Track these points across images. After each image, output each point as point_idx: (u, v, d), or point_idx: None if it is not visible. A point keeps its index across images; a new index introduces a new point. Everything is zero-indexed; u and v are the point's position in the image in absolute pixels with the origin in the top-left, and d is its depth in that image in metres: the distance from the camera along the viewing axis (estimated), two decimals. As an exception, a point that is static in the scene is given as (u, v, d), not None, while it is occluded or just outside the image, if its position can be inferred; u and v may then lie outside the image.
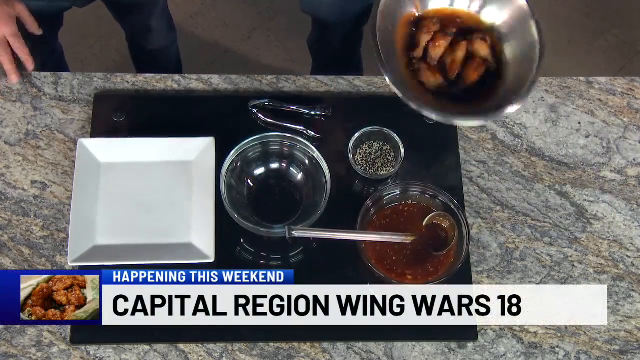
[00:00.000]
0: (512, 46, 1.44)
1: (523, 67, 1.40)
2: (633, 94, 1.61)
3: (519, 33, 1.43)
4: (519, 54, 1.43)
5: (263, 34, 2.60)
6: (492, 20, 1.46)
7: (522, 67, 1.41)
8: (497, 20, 1.45)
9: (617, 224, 1.49)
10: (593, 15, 2.69)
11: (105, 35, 2.53)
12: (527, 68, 1.39)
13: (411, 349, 1.38)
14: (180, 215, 1.44)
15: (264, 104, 1.53)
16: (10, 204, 1.45)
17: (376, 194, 1.39)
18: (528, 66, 1.39)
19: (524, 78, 1.38)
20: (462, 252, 1.35)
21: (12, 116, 1.53)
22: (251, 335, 1.36)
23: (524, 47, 1.42)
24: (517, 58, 1.43)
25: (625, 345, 1.39)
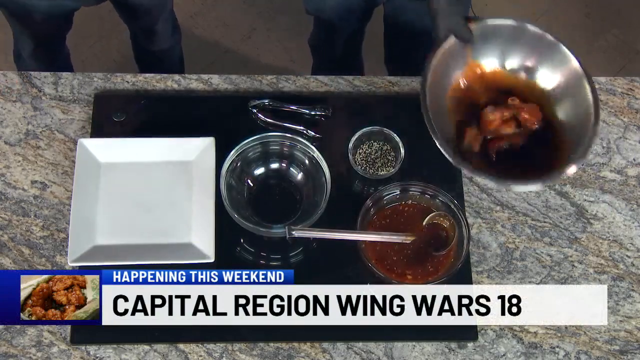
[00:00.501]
0: (565, 107, 1.40)
1: (576, 127, 1.37)
2: (633, 94, 1.61)
3: (571, 95, 1.39)
4: (571, 115, 1.39)
5: (263, 34, 2.60)
6: (544, 84, 1.42)
7: (576, 127, 1.37)
8: (550, 84, 1.42)
9: (617, 224, 1.49)
10: (593, 15, 2.69)
11: (106, 35, 2.53)
12: (582, 128, 1.35)
13: (411, 349, 1.38)
14: (180, 215, 1.44)
15: (264, 104, 1.53)
16: (10, 204, 1.45)
17: (376, 194, 1.39)
18: (582, 126, 1.35)
19: (578, 138, 1.35)
20: (462, 252, 1.35)
21: (12, 116, 1.53)
22: (251, 335, 1.36)
23: (578, 108, 1.38)
24: (570, 119, 1.39)
25: (625, 345, 1.39)
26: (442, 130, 1.33)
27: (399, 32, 1.97)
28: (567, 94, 1.40)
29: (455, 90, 1.41)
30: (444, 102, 1.39)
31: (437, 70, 1.36)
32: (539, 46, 1.41)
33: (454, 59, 1.39)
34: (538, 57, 1.42)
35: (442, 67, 1.37)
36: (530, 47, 1.42)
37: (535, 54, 1.42)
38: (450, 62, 1.38)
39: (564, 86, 1.40)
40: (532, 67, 1.42)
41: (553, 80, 1.42)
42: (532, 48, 1.42)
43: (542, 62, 1.42)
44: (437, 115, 1.34)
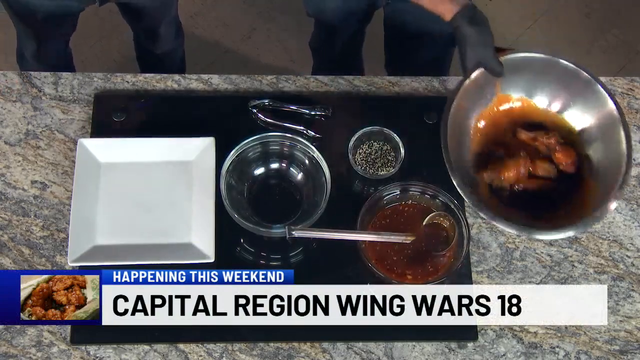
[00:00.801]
0: (594, 150, 1.36)
1: (604, 173, 1.34)
2: (633, 94, 1.61)
3: (603, 138, 1.35)
4: (600, 159, 1.35)
5: (263, 34, 2.60)
6: (574, 123, 1.39)
7: (603, 172, 1.34)
8: (580, 124, 1.38)
9: (617, 224, 1.49)
10: (593, 15, 2.69)
11: (106, 35, 2.53)
12: (612, 174, 1.32)
13: (411, 349, 1.38)
14: (180, 215, 1.44)
15: (264, 104, 1.53)
16: (10, 204, 1.45)
17: (376, 194, 1.39)
18: (613, 172, 1.32)
19: (604, 184, 1.31)
20: (462, 252, 1.35)
21: (12, 116, 1.53)
22: (251, 335, 1.36)
23: (608, 153, 1.34)
24: (598, 163, 1.36)
25: (625, 345, 1.39)
26: (459, 166, 1.29)
27: (399, 35, 1.97)
28: (598, 137, 1.36)
29: (481, 124, 1.38)
30: (466, 136, 1.36)
31: (463, 101, 1.33)
32: (572, 83, 1.37)
33: (481, 91, 1.36)
34: (570, 95, 1.37)
35: (468, 99, 1.34)
36: (562, 83, 1.37)
37: (567, 90, 1.37)
38: (477, 94, 1.36)
39: (596, 128, 1.36)
40: (563, 105, 1.38)
41: (584, 121, 1.37)
42: (565, 84, 1.37)
43: (575, 100, 1.37)
44: (457, 149, 1.31)
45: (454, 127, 1.32)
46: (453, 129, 1.32)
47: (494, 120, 1.39)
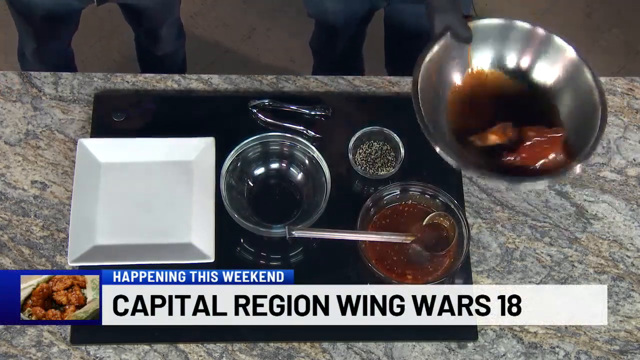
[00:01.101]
0: (567, 103, 1.35)
1: (582, 120, 1.32)
2: (633, 94, 1.61)
3: (573, 88, 1.35)
4: (575, 107, 1.34)
5: (263, 34, 2.60)
6: (544, 79, 1.38)
7: (580, 121, 1.32)
8: (550, 79, 1.37)
9: (617, 224, 1.49)
10: (594, 15, 2.69)
11: (106, 35, 2.53)
12: (587, 123, 1.30)
13: (411, 349, 1.38)
14: (180, 215, 1.44)
15: (264, 104, 1.53)
16: (10, 204, 1.45)
17: (376, 194, 1.39)
18: (587, 121, 1.30)
19: (584, 134, 1.29)
20: (462, 252, 1.35)
21: (12, 116, 1.53)
22: (251, 335, 1.36)
23: (581, 99, 1.33)
24: (574, 113, 1.35)
25: (625, 345, 1.39)
26: (438, 130, 1.29)
27: (399, 35, 1.97)
28: (568, 86, 1.36)
29: (455, 91, 1.39)
30: (442, 102, 1.36)
31: (431, 67, 1.33)
32: (532, 41, 1.38)
33: (451, 58, 1.36)
34: (533, 53, 1.38)
35: (437, 65, 1.34)
36: (524, 44, 1.38)
37: (529, 50, 1.38)
38: (447, 61, 1.35)
39: (564, 78, 1.36)
40: (529, 64, 1.39)
41: (552, 75, 1.38)
42: (526, 44, 1.38)
43: (539, 58, 1.38)
44: (433, 114, 1.31)
45: (426, 93, 1.30)
46: (425, 94, 1.30)
47: (469, 88, 1.39)
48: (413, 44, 1.93)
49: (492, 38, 1.38)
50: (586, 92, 1.33)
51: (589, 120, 1.31)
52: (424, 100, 1.29)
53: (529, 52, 1.38)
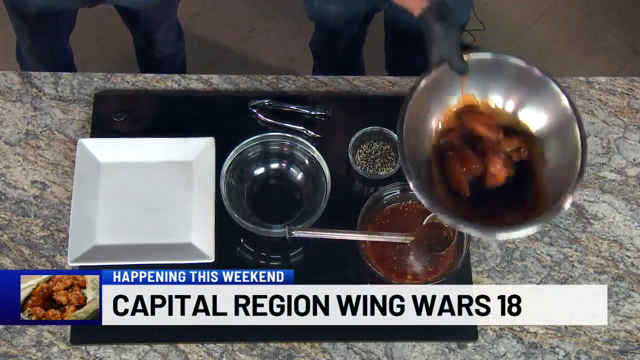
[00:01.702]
0: (551, 148, 1.33)
1: (561, 169, 1.30)
2: (633, 94, 1.61)
3: (559, 135, 1.31)
4: (556, 156, 1.32)
5: (263, 34, 2.60)
6: (532, 123, 1.34)
7: (560, 169, 1.30)
8: (537, 123, 1.34)
9: (617, 224, 1.49)
10: (593, 15, 2.69)
11: (106, 35, 2.53)
12: (567, 170, 1.27)
13: (411, 349, 1.38)
14: (180, 215, 1.44)
15: (264, 104, 1.53)
16: (10, 204, 1.45)
17: (376, 194, 1.39)
18: (567, 168, 1.27)
19: (563, 181, 1.27)
20: (462, 252, 1.35)
21: (12, 116, 1.53)
22: (251, 335, 1.36)
23: (564, 149, 1.31)
24: (555, 159, 1.32)
25: (625, 345, 1.39)
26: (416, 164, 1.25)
27: (400, 37, 1.97)
28: (554, 134, 1.32)
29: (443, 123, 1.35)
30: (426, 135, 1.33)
31: (423, 95, 1.30)
32: (527, 81, 1.33)
33: (444, 88, 1.33)
34: (525, 93, 1.34)
35: (429, 94, 1.31)
36: (516, 82, 1.34)
37: (522, 89, 1.34)
38: (439, 90, 1.33)
39: (552, 126, 1.33)
40: (519, 104, 1.35)
41: (540, 120, 1.34)
42: (519, 83, 1.34)
43: (529, 99, 1.34)
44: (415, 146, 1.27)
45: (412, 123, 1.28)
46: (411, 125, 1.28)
47: (457, 120, 1.37)
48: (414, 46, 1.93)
49: (486, 72, 1.34)
50: (571, 148, 1.29)
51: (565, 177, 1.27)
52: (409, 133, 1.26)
53: (521, 92, 1.34)
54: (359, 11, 1.85)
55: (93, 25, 2.48)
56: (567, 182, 1.26)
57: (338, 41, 1.98)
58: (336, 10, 1.83)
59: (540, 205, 1.28)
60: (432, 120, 1.34)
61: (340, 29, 1.91)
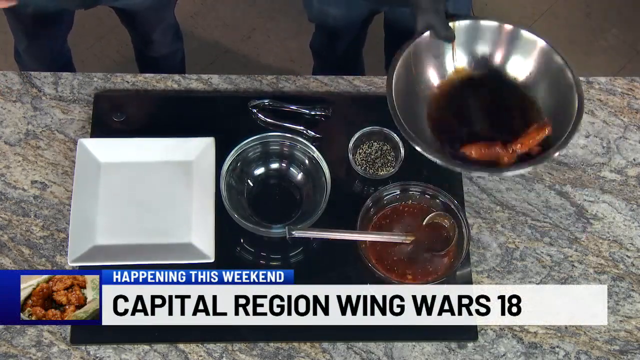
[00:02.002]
0: (543, 92, 1.39)
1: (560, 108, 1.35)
2: (633, 94, 1.61)
3: (548, 76, 1.38)
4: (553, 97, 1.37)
5: (263, 34, 2.60)
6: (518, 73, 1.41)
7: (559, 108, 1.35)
8: (524, 72, 1.40)
9: (617, 224, 1.49)
10: (593, 15, 2.69)
11: (106, 35, 2.53)
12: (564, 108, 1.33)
13: (411, 349, 1.38)
14: (180, 215, 1.44)
15: (263, 104, 1.53)
16: (10, 204, 1.45)
17: (376, 194, 1.39)
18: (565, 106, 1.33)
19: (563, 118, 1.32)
20: (462, 252, 1.35)
21: (12, 116, 1.53)
22: (251, 335, 1.36)
23: (556, 89, 1.37)
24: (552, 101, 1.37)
25: (625, 345, 1.39)
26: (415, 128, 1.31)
27: (399, 38, 1.96)
28: (543, 76, 1.39)
29: (435, 89, 1.40)
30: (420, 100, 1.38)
31: (411, 63, 1.34)
32: (502, 37, 1.40)
33: (431, 55, 1.37)
34: (506, 49, 1.40)
35: (417, 61, 1.35)
36: (495, 41, 1.40)
37: (501, 45, 1.41)
38: (426, 58, 1.37)
39: (538, 69, 1.39)
40: (502, 60, 1.41)
41: (526, 68, 1.40)
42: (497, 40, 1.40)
43: (511, 52, 1.40)
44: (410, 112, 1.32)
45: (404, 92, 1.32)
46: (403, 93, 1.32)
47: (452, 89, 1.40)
48: None
49: (471, 38, 1.40)
50: (560, 77, 1.36)
51: (566, 106, 1.33)
52: (399, 99, 1.31)
53: (501, 48, 1.41)
54: (359, 13, 1.85)
55: (93, 26, 2.48)
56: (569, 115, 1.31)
57: (338, 42, 1.98)
58: (336, 13, 1.83)
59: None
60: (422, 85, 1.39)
61: (340, 30, 1.91)
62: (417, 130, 1.32)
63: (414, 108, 1.36)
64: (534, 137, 1.33)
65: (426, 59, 1.38)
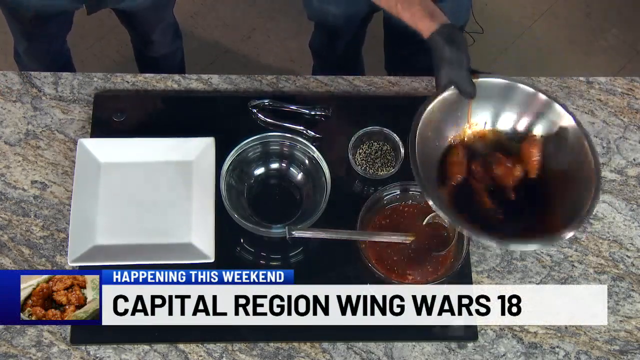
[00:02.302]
0: (561, 163, 1.34)
1: (576, 186, 1.31)
2: (633, 94, 1.61)
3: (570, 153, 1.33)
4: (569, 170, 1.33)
5: (263, 34, 2.60)
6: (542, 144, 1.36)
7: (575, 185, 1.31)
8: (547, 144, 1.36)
9: (617, 224, 1.49)
10: (593, 15, 2.69)
11: (106, 35, 2.53)
12: (582, 187, 1.29)
13: (411, 349, 1.38)
14: (180, 215, 1.43)
15: (263, 104, 1.53)
16: (10, 204, 1.45)
17: (376, 194, 1.39)
18: (583, 185, 1.29)
19: (578, 198, 1.28)
20: (462, 252, 1.35)
21: (12, 116, 1.53)
22: (251, 335, 1.36)
23: (575, 165, 1.32)
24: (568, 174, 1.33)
25: (625, 345, 1.39)
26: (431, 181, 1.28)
27: (399, 37, 1.97)
28: (565, 153, 1.34)
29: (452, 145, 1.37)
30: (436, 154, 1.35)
31: (431, 119, 1.31)
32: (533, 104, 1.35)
33: (451, 110, 1.34)
34: (533, 116, 1.36)
35: (437, 117, 1.32)
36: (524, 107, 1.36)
37: (528, 114, 1.36)
38: (447, 113, 1.34)
39: (561, 145, 1.34)
40: (527, 127, 1.36)
41: (549, 140, 1.35)
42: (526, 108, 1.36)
43: (538, 121, 1.36)
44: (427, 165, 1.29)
45: (423, 145, 1.29)
46: (422, 146, 1.29)
47: (465, 145, 1.37)
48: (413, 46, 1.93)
49: (494, 97, 1.36)
50: (581, 162, 1.31)
51: (582, 189, 1.28)
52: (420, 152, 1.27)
53: (528, 116, 1.36)
54: (359, 11, 1.85)
55: (92, 26, 2.48)
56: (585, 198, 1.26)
57: (338, 41, 1.98)
58: (336, 11, 1.83)
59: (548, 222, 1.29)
60: (440, 141, 1.35)
61: (340, 28, 1.91)
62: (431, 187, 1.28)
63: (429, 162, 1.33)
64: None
65: (445, 115, 1.34)
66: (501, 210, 1.33)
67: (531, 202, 1.34)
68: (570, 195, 1.31)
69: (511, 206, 1.33)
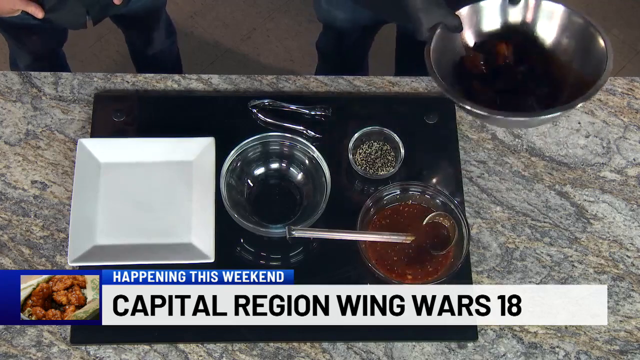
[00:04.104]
0: (568, 48, 1.39)
1: (586, 59, 1.35)
2: (633, 94, 1.61)
3: (569, 34, 1.39)
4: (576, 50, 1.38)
5: (263, 34, 2.60)
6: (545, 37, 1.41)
7: (585, 58, 1.36)
8: (548, 35, 1.41)
9: (617, 224, 1.49)
10: (593, 15, 2.68)
11: (105, 35, 2.53)
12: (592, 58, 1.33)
13: (411, 349, 1.38)
14: (180, 215, 1.44)
15: (263, 104, 1.53)
16: (10, 204, 1.45)
17: (376, 194, 1.39)
18: (592, 56, 1.33)
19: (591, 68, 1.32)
20: (462, 252, 1.35)
21: (12, 116, 1.53)
22: (251, 335, 1.36)
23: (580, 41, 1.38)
24: (577, 54, 1.38)
25: (625, 345, 1.39)
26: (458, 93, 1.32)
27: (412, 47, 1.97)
28: (564, 35, 1.39)
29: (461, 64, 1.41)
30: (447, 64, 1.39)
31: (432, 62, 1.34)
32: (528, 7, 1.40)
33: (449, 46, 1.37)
34: (533, 15, 1.40)
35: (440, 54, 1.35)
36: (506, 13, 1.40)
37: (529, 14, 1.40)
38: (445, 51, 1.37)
39: (559, 29, 1.40)
40: (529, 24, 1.40)
41: (548, 30, 1.40)
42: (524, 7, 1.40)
43: (538, 18, 1.40)
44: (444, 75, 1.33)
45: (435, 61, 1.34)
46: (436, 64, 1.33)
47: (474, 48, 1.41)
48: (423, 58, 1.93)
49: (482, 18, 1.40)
50: (583, 31, 1.37)
51: (593, 56, 1.33)
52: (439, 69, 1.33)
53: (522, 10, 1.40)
54: (364, 20, 1.86)
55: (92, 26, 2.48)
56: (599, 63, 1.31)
57: (344, 44, 1.98)
58: (342, 16, 1.84)
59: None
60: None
61: (347, 33, 1.92)
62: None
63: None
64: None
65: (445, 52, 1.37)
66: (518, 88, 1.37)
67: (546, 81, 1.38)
68: (584, 68, 1.34)
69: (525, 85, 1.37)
